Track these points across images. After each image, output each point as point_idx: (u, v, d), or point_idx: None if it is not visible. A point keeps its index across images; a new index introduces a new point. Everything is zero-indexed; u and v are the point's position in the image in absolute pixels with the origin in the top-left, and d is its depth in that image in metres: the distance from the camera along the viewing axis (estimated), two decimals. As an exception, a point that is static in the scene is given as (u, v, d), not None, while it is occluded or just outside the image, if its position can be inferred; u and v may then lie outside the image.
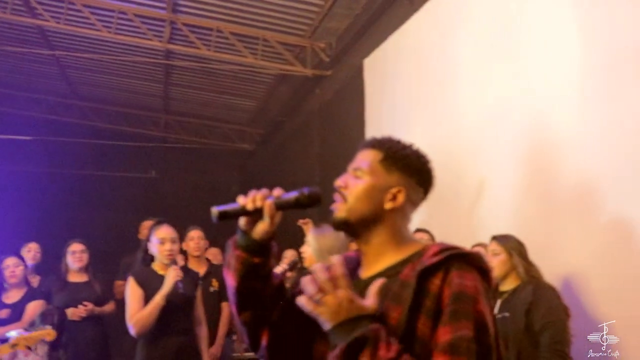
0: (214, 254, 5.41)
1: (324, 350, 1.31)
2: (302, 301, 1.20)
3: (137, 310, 3.30)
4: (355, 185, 1.36)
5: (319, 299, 1.19)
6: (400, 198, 1.35)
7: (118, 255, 5.34)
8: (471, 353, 1.15)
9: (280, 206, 1.35)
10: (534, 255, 3.54)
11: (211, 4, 6.49)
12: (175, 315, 3.36)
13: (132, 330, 3.29)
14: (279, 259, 4.40)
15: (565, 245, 3.32)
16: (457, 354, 1.15)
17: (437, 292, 1.22)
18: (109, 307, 4.70)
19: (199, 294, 3.65)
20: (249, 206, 1.34)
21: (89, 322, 4.48)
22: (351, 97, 6.41)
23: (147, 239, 3.55)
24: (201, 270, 4.43)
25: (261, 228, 1.35)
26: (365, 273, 1.37)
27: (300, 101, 8.44)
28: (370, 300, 1.21)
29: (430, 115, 4.77)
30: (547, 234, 3.13)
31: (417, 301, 1.21)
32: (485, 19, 4.19)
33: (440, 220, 4.09)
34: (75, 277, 4.64)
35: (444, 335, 1.17)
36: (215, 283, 4.52)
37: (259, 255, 1.37)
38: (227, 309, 4.58)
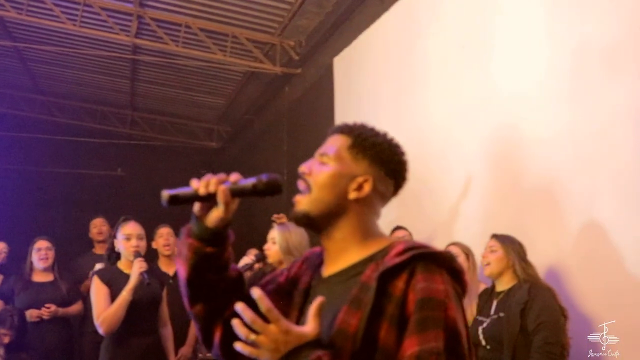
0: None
1: None
2: (239, 347, 1.12)
3: (104, 309, 3.21)
4: (319, 172, 1.27)
5: (252, 340, 1.10)
6: (367, 188, 1.26)
7: (81, 263, 5.19)
8: None
9: (235, 193, 1.26)
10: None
11: (179, -2, 6.39)
12: (141, 314, 3.29)
13: (100, 330, 3.21)
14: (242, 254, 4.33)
15: (535, 242, 3.33)
16: None
17: (401, 296, 1.12)
18: (76, 308, 4.56)
19: (164, 294, 3.57)
20: (202, 191, 1.24)
21: (53, 324, 4.33)
22: (321, 95, 6.38)
23: (114, 237, 3.47)
24: (172, 269, 4.33)
25: (215, 215, 1.26)
26: (326, 271, 1.29)
27: (269, 99, 8.37)
28: (309, 326, 1.12)
29: (399, 114, 4.77)
30: (517, 232, 3.13)
31: (378, 306, 1.12)
32: (455, 19, 4.21)
33: (409, 219, 4.09)
34: (40, 277, 4.50)
35: (411, 347, 1.07)
36: None
37: (213, 244, 1.28)
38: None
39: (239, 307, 1.10)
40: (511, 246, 2.97)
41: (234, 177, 1.26)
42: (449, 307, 1.11)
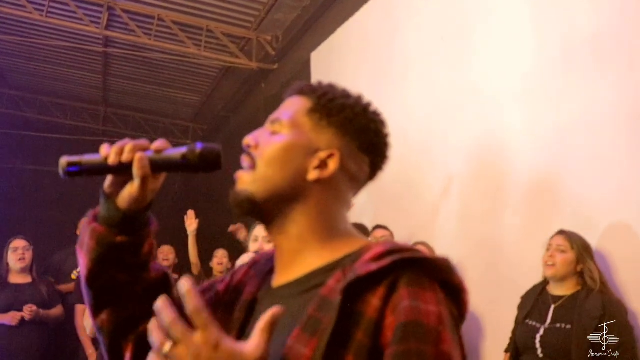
0: (166, 252, 5.12)
1: None
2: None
3: None
4: (268, 143, 0.95)
5: (167, 351, 0.73)
6: (332, 166, 0.93)
7: (57, 260, 5.00)
8: None
9: (158, 165, 0.94)
10: (483, 251, 3.45)
11: (152, -11, 6.18)
12: None
13: (88, 330, 3.03)
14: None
15: (514, 241, 3.23)
16: None
17: (375, 318, 0.80)
18: (56, 311, 4.33)
19: None
20: (112, 159, 0.93)
21: (32, 327, 4.09)
22: (298, 91, 6.21)
23: None
24: None
25: (128, 193, 0.94)
26: (277, 280, 0.96)
27: (245, 96, 8.18)
28: (254, 342, 0.74)
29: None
30: (496, 230, 3.01)
31: (342, 331, 0.79)
32: (434, 12, 4.08)
33: (387, 218, 3.93)
34: (17, 278, 4.26)
35: None
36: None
37: (125, 232, 0.96)
38: None
39: (160, 302, 0.75)
40: (583, 248, 2.62)
41: (159, 144, 0.95)
42: (443, 339, 0.79)
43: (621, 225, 2.66)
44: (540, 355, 2.56)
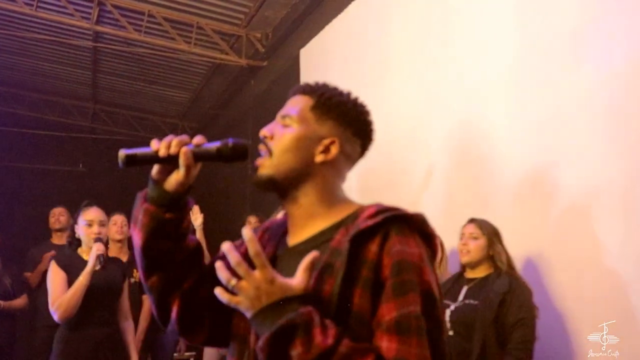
0: None
1: (245, 327, 1.15)
2: (217, 292, 1.02)
3: (60, 294, 3.05)
4: (282, 135, 1.19)
5: (233, 286, 1.01)
6: (334, 150, 1.19)
7: (34, 253, 5.00)
8: (421, 331, 1.01)
9: (199, 156, 1.17)
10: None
11: (143, -14, 6.22)
12: (98, 302, 3.14)
13: (55, 316, 3.04)
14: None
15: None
16: (405, 333, 1.00)
17: (374, 259, 1.06)
18: (20, 302, 4.35)
19: (125, 286, 3.43)
20: (162, 152, 1.16)
21: None
22: (287, 87, 6.09)
23: (75, 222, 3.33)
24: (122, 258, 4.18)
25: (175, 179, 1.18)
26: (292, 240, 1.21)
27: (234, 93, 8.24)
28: (298, 278, 1.03)
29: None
30: (479, 217, 3.07)
31: (351, 271, 1.05)
32: (422, 9, 4.16)
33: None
34: None
35: (389, 312, 1.02)
36: (136, 273, 4.26)
37: (171, 210, 1.18)
38: (149, 302, 4.35)
39: (227, 246, 1.02)
40: (493, 233, 2.83)
41: (198, 139, 1.19)
42: (424, 271, 1.07)
43: (597, 213, 2.75)
44: (451, 333, 2.69)
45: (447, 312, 2.75)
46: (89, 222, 3.24)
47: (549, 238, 3.00)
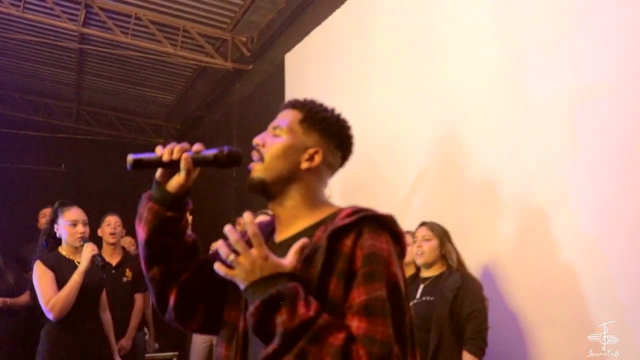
0: (129, 242, 5.26)
1: (236, 316, 1.32)
2: (217, 266, 1.18)
3: (53, 293, 3.11)
4: (273, 143, 1.35)
5: (232, 260, 1.17)
6: (317, 159, 1.35)
7: (25, 253, 5.03)
8: (385, 313, 1.15)
9: (197, 161, 1.32)
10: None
11: (130, -11, 6.30)
12: (87, 298, 3.21)
13: (51, 315, 3.09)
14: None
15: (475, 234, 3.45)
16: (372, 314, 1.14)
17: (349, 253, 1.20)
18: (24, 298, 4.37)
19: (103, 278, 3.50)
20: (165, 157, 1.31)
21: (3, 316, 4.15)
22: (272, 91, 6.38)
23: (52, 222, 3.36)
24: (115, 259, 4.28)
25: (176, 181, 1.33)
26: (279, 237, 1.36)
27: (220, 95, 8.32)
28: (289, 258, 1.20)
29: (350, 111, 4.75)
30: (459, 224, 3.22)
31: (328, 262, 1.20)
32: (405, 16, 4.29)
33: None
34: None
35: (359, 296, 1.16)
36: (128, 273, 4.36)
37: (173, 209, 1.34)
38: (140, 299, 4.44)
39: (228, 227, 1.18)
40: (443, 234, 3.03)
41: (197, 147, 1.34)
42: (391, 264, 1.21)
43: (564, 212, 2.91)
44: None
45: None
46: (73, 222, 3.28)
47: (528, 237, 3.14)
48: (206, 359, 4.98)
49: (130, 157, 1.32)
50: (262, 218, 3.29)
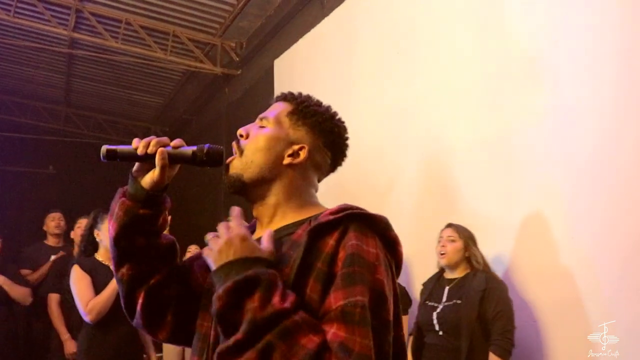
0: None
1: (207, 325, 1.18)
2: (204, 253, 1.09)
3: (90, 297, 3.20)
4: (256, 134, 1.24)
5: (208, 239, 1.08)
6: (302, 155, 1.23)
7: (12, 254, 5.08)
8: (365, 321, 0.99)
9: (174, 157, 1.22)
10: (430, 253, 3.78)
11: (121, -6, 6.36)
12: (119, 303, 3.29)
13: (87, 317, 3.19)
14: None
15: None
16: (350, 321, 0.98)
17: (330, 253, 1.06)
18: (22, 290, 4.41)
19: None
20: (140, 150, 1.20)
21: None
22: (260, 96, 6.48)
23: (91, 228, 3.47)
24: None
25: (151, 177, 1.22)
26: (258, 234, 1.23)
27: (208, 100, 8.40)
28: (265, 244, 1.08)
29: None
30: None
31: (306, 262, 1.05)
32: (390, 27, 4.42)
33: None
34: None
35: (337, 301, 1.00)
36: None
37: (146, 206, 1.23)
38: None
39: (234, 210, 1.12)
40: (469, 237, 3.06)
41: (177, 142, 1.23)
42: (378, 271, 1.06)
43: (536, 218, 3.06)
44: (440, 333, 2.92)
45: (434, 314, 2.95)
46: None
47: (523, 239, 3.23)
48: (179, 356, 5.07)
49: (104, 148, 1.23)
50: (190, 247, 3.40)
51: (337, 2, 5.07)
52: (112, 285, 3.21)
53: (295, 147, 1.24)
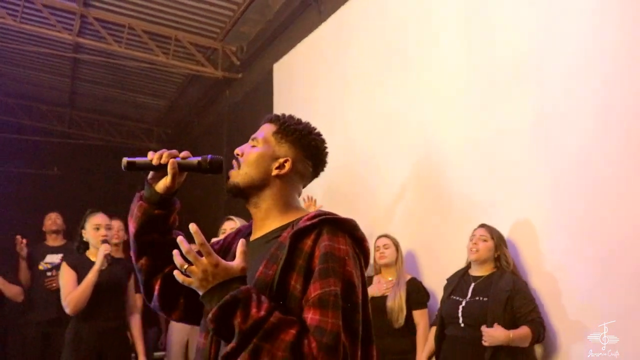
0: (117, 227, 5.47)
1: None
2: (176, 274, 1.28)
3: (71, 290, 3.42)
4: (249, 152, 1.52)
5: (185, 269, 1.27)
6: (287, 166, 1.49)
7: (16, 255, 5.22)
8: (337, 306, 1.25)
9: (183, 167, 1.49)
10: (423, 250, 3.93)
11: (124, 0, 6.50)
12: (104, 297, 3.50)
13: (67, 309, 3.41)
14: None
15: (448, 243, 3.69)
16: (324, 307, 1.25)
17: (309, 251, 1.33)
18: (15, 289, 4.57)
19: (131, 283, 3.78)
20: (155, 161, 1.48)
21: None
22: (260, 99, 6.64)
23: (82, 228, 3.67)
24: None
25: (164, 183, 1.50)
26: (253, 237, 1.52)
27: (210, 102, 8.57)
28: (237, 261, 1.30)
29: (332, 119, 5.09)
30: (435, 233, 3.44)
31: (290, 260, 1.32)
32: (384, 34, 4.56)
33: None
34: None
35: (314, 290, 1.27)
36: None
37: (160, 207, 1.51)
38: (139, 301, 4.67)
39: (179, 238, 1.30)
40: (499, 238, 3.19)
41: (184, 153, 1.51)
42: (348, 264, 1.33)
43: (521, 217, 3.21)
44: (462, 325, 3.07)
45: (459, 308, 3.10)
46: (97, 226, 3.63)
47: (518, 240, 3.33)
48: (182, 357, 5.21)
49: (125, 160, 1.49)
50: (227, 223, 3.59)
51: (333, 9, 5.23)
52: (88, 280, 3.40)
53: (281, 160, 1.50)
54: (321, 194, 4.28)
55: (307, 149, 1.53)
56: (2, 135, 9.15)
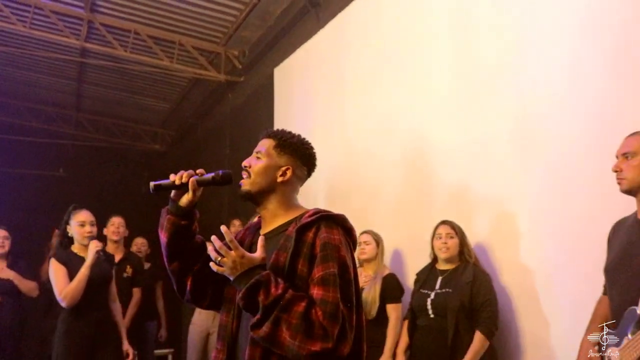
0: (140, 243, 5.73)
1: (233, 292, 1.75)
2: (212, 265, 1.64)
3: (65, 285, 3.60)
4: (256, 164, 1.82)
5: (219, 261, 1.62)
6: (289, 174, 1.82)
7: (23, 255, 5.30)
8: (336, 283, 1.61)
9: (200, 183, 1.79)
10: (415, 246, 4.10)
11: (130, 6, 6.72)
12: (95, 289, 3.69)
13: (63, 303, 3.58)
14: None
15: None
16: (326, 284, 1.60)
17: (311, 242, 1.67)
18: (31, 284, 4.74)
19: (113, 274, 3.97)
20: (177, 182, 1.78)
21: (7, 306, 4.57)
22: (261, 102, 6.84)
23: (65, 224, 3.83)
24: (118, 256, 4.70)
25: (186, 198, 1.80)
26: (263, 231, 1.85)
27: (213, 105, 8.77)
28: (258, 252, 1.67)
29: (331, 122, 5.29)
30: (428, 230, 3.60)
31: (297, 249, 1.66)
32: (380, 39, 4.76)
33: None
34: None
35: (317, 272, 1.62)
36: (129, 269, 4.84)
37: (185, 219, 1.81)
38: (138, 293, 4.90)
39: (213, 237, 1.63)
40: (462, 232, 3.40)
41: (200, 171, 1.82)
42: (341, 250, 1.68)
43: (507, 213, 3.40)
44: (432, 315, 3.31)
45: (428, 300, 3.33)
46: (82, 223, 3.78)
47: (514, 239, 3.53)
48: (202, 348, 5.39)
49: (152, 184, 1.80)
50: (234, 222, 3.84)
51: (331, 15, 5.43)
52: (82, 274, 3.60)
53: (284, 168, 1.83)
54: (321, 191, 4.47)
55: (303, 157, 1.87)
56: (10, 137, 9.35)
